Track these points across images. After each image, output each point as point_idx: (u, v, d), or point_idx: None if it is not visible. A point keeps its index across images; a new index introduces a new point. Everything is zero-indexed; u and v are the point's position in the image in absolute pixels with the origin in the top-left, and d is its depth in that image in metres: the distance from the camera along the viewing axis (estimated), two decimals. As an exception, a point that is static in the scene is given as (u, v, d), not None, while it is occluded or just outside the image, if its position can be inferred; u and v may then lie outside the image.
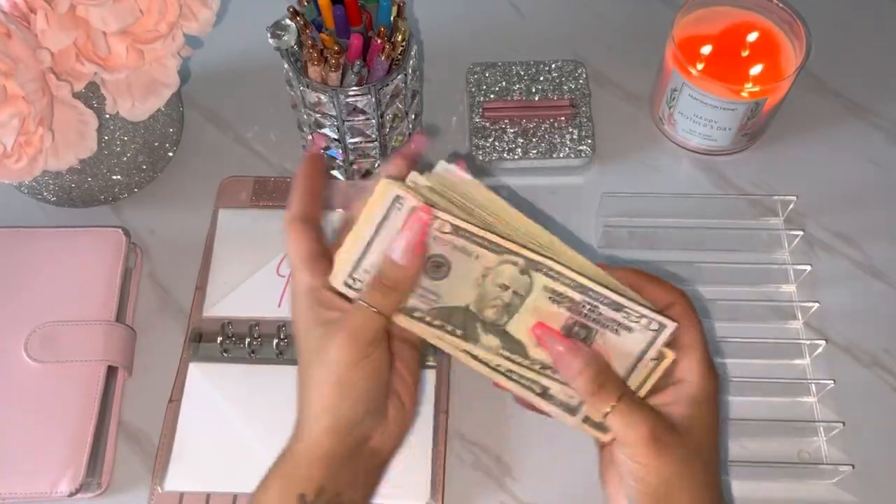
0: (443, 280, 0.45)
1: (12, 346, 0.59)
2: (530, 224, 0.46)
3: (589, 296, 0.45)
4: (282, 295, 0.63)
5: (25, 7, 0.53)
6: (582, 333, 0.45)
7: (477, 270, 0.45)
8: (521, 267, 0.45)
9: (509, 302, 0.45)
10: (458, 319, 0.46)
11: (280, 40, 0.59)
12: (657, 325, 0.45)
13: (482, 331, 0.46)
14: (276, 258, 0.64)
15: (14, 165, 0.55)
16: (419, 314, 0.46)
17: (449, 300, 0.46)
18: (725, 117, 0.66)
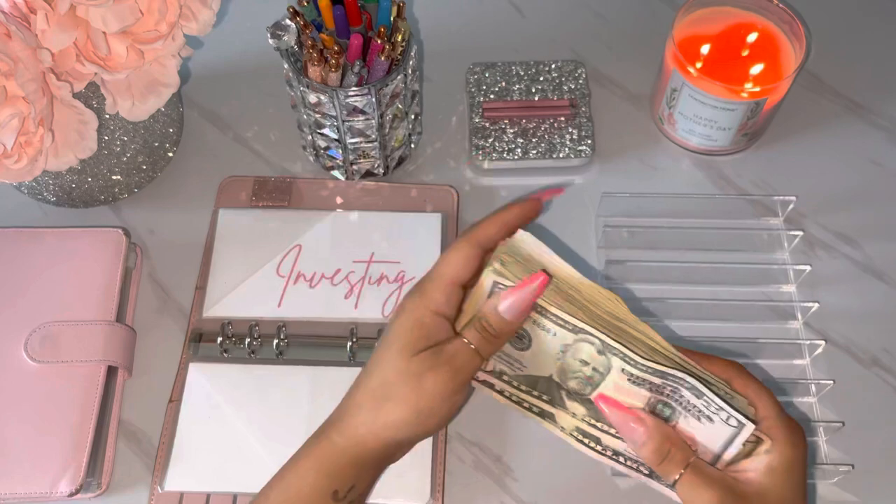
0: (525, 351, 0.48)
1: (12, 346, 0.59)
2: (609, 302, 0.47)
3: (668, 380, 0.45)
4: (282, 295, 0.63)
5: (26, 7, 0.53)
6: (666, 412, 0.46)
7: (555, 346, 0.47)
8: (597, 347, 0.46)
9: (591, 375, 0.47)
10: (543, 387, 0.49)
11: (280, 40, 0.59)
12: (736, 423, 0.44)
13: (567, 398, 0.48)
14: (277, 258, 0.64)
15: (14, 165, 0.55)
16: (507, 377, 0.49)
17: (533, 370, 0.49)
18: (725, 117, 0.66)
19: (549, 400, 0.49)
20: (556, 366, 0.48)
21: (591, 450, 0.48)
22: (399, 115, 0.65)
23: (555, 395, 0.48)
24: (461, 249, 0.48)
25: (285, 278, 0.64)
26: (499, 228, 0.49)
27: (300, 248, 0.65)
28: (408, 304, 0.48)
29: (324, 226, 0.66)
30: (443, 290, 0.47)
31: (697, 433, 0.46)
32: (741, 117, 0.66)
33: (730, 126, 0.67)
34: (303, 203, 0.68)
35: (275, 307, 0.63)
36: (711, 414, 0.45)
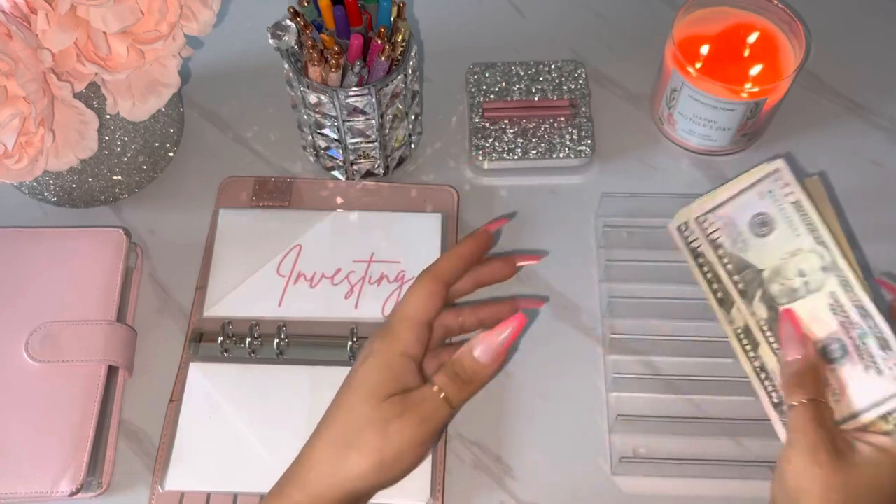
0: (761, 238, 0.50)
1: (13, 345, 0.59)
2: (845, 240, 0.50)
3: (866, 321, 0.47)
4: (282, 295, 0.63)
5: (26, 7, 0.53)
6: (838, 353, 0.48)
7: (791, 245, 0.49)
8: (825, 263, 0.48)
9: (797, 288, 0.49)
10: (748, 276, 0.50)
11: (280, 41, 0.59)
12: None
13: (759, 298, 0.49)
14: (277, 258, 0.64)
15: (15, 165, 0.55)
16: (721, 251, 0.50)
17: (752, 256, 0.50)
18: (725, 117, 0.66)
19: (742, 290, 0.50)
20: (775, 264, 0.49)
21: (743, 352, 0.50)
22: (399, 116, 0.65)
23: (750, 289, 0.49)
24: (425, 286, 0.49)
25: (285, 278, 0.64)
26: (458, 262, 0.51)
27: (300, 247, 0.65)
28: (375, 346, 0.47)
29: (324, 226, 0.66)
30: (411, 329, 0.47)
31: (854, 384, 0.47)
32: (741, 117, 0.66)
33: (729, 126, 0.67)
34: (303, 203, 0.68)
35: (275, 307, 0.63)
36: (885, 368, 0.46)
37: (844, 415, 0.47)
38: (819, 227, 0.49)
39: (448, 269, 0.50)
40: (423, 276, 0.50)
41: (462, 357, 0.47)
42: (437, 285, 0.49)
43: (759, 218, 0.50)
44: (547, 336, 0.63)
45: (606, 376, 0.61)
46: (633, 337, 0.61)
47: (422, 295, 0.49)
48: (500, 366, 0.48)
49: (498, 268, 0.54)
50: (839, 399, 0.47)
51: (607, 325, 0.63)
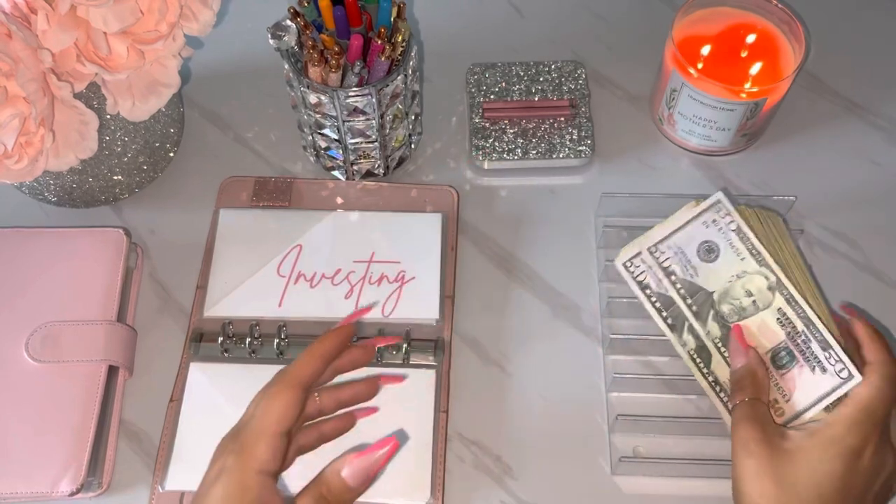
0: (708, 264, 0.55)
1: (13, 346, 0.59)
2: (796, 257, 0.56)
3: (809, 329, 0.53)
4: (282, 295, 0.63)
5: (26, 7, 0.53)
6: (786, 359, 0.53)
7: (737, 269, 0.54)
8: (770, 283, 0.53)
9: (746, 307, 0.54)
10: (700, 298, 0.55)
11: (280, 41, 0.59)
12: (847, 374, 0.51)
13: (712, 318, 0.54)
14: (277, 258, 0.64)
15: (15, 166, 0.55)
16: (674, 278, 0.55)
17: (702, 281, 0.55)
18: (725, 118, 0.66)
19: (696, 312, 0.54)
20: (724, 287, 0.54)
21: (698, 370, 0.54)
22: (399, 116, 0.65)
23: (703, 310, 0.54)
24: (282, 395, 0.46)
25: (286, 278, 0.64)
26: (316, 364, 0.48)
27: (300, 248, 0.65)
28: (228, 462, 0.44)
29: (324, 226, 0.66)
30: (268, 444, 0.44)
31: (802, 384, 0.52)
32: (741, 118, 0.66)
33: (729, 126, 0.67)
34: (303, 203, 0.68)
35: (275, 307, 0.63)
36: (828, 365, 0.51)
37: (796, 411, 0.51)
38: (761, 251, 0.54)
39: (307, 374, 0.47)
40: (281, 383, 0.46)
41: (330, 477, 0.45)
42: (296, 392, 0.46)
43: (705, 245, 0.55)
44: (547, 336, 0.63)
45: (606, 376, 0.61)
46: (633, 337, 0.61)
47: (279, 405, 0.45)
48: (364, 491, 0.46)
49: (357, 355, 0.52)
50: (790, 399, 0.52)
51: (607, 325, 0.63)
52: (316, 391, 0.51)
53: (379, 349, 0.60)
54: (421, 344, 0.61)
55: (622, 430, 0.59)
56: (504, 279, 0.66)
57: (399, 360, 0.61)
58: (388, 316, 0.62)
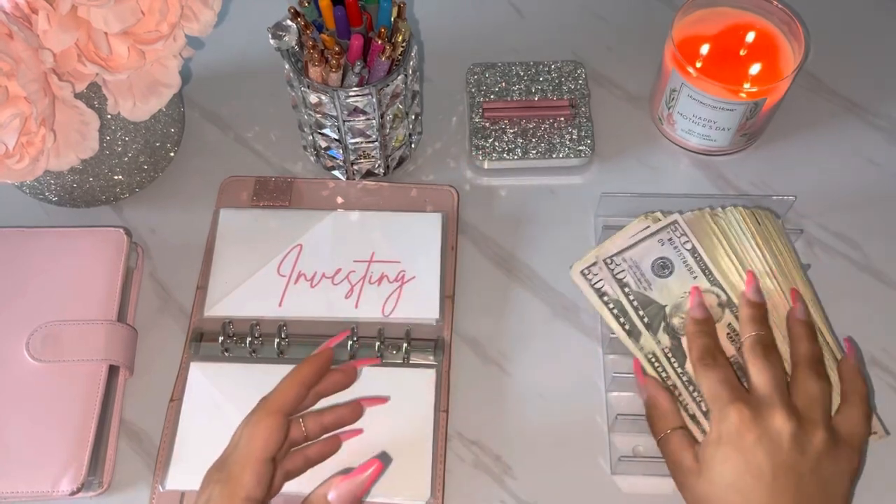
0: (662, 279, 0.57)
1: (14, 345, 0.59)
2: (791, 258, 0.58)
3: None
4: (282, 294, 0.63)
5: (27, 8, 0.53)
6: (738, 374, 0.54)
7: (689, 285, 0.56)
8: (721, 301, 0.56)
9: None
10: (651, 311, 0.56)
11: (281, 41, 0.59)
12: None
13: (662, 330, 0.56)
14: (277, 258, 0.64)
15: (16, 166, 0.55)
16: (627, 290, 0.56)
17: (656, 295, 0.56)
18: (724, 117, 0.67)
19: (647, 323, 0.56)
20: (676, 301, 0.56)
21: (655, 373, 0.55)
22: (399, 116, 0.65)
23: (654, 322, 0.56)
24: (264, 423, 0.46)
25: (286, 278, 0.64)
26: (297, 390, 0.49)
27: (301, 247, 0.65)
28: (215, 493, 0.45)
29: (324, 225, 0.66)
30: (252, 472, 0.45)
31: None
32: (740, 117, 0.67)
33: (729, 126, 0.68)
34: (303, 203, 0.68)
35: (275, 306, 0.63)
36: None
37: None
38: (713, 271, 0.56)
39: (289, 400, 0.48)
40: (262, 411, 0.47)
41: (316, 501, 0.46)
42: (278, 419, 0.47)
43: (659, 261, 0.57)
44: (547, 336, 0.63)
45: (606, 376, 0.61)
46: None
47: (262, 432, 0.46)
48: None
49: (338, 378, 0.52)
50: None
51: (607, 326, 0.63)
52: (300, 417, 0.52)
53: (379, 349, 0.60)
54: (421, 344, 0.61)
55: (622, 430, 0.59)
56: (504, 279, 0.66)
57: (399, 360, 0.61)
58: (388, 316, 0.62)
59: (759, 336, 0.53)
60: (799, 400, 0.51)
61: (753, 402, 0.50)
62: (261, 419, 0.47)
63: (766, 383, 0.51)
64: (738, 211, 0.58)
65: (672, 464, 0.52)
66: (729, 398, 0.50)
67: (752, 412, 0.49)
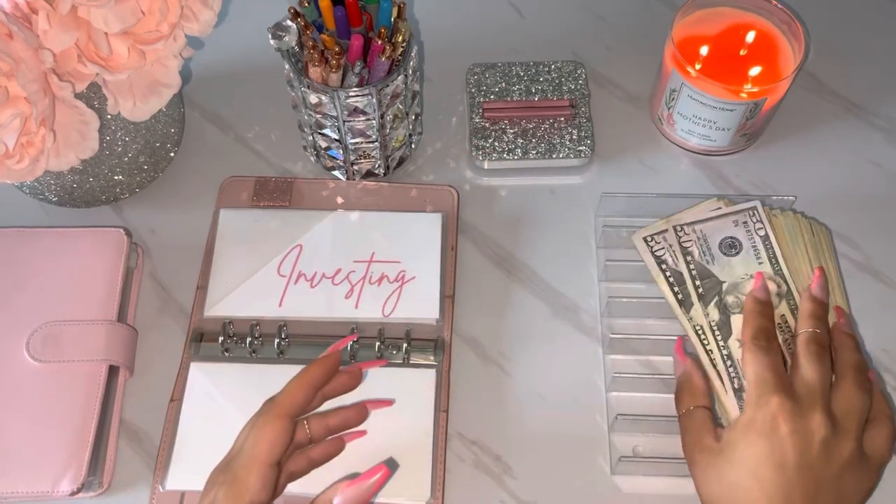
0: (727, 257, 0.58)
1: (14, 345, 0.59)
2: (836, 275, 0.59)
3: None
4: (283, 295, 0.63)
5: (27, 8, 0.53)
6: None
7: (752, 269, 0.57)
8: (780, 291, 0.56)
9: None
10: (708, 284, 0.57)
11: (281, 41, 0.59)
12: None
13: (714, 305, 0.56)
14: (277, 258, 0.64)
15: (16, 166, 0.55)
16: (689, 258, 0.58)
17: (717, 270, 0.57)
18: (724, 118, 0.67)
19: (701, 294, 0.57)
20: (735, 280, 0.57)
21: (700, 343, 0.56)
22: (399, 116, 0.65)
23: (709, 295, 0.57)
24: (271, 426, 0.46)
25: (286, 278, 0.64)
26: (305, 393, 0.49)
27: (301, 247, 0.65)
28: (220, 495, 0.44)
29: (324, 226, 0.66)
30: (258, 475, 0.45)
31: None
32: (740, 118, 0.67)
33: (729, 126, 0.68)
34: (303, 203, 0.68)
35: (276, 307, 0.63)
36: None
37: None
38: (780, 262, 0.57)
39: (296, 403, 0.48)
40: (269, 413, 0.47)
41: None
42: (285, 422, 0.47)
43: (728, 240, 0.58)
44: (547, 336, 0.63)
45: (606, 376, 0.61)
46: (633, 337, 0.61)
47: (268, 435, 0.46)
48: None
49: (344, 380, 0.53)
50: None
51: (607, 325, 0.63)
52: (305, 419, 0.52)
53: (379, 349, 0.60)
54: (421, 344, 0.61)
55: (622, 430, 0.59)
56: (504, 279, 0.66)
57: (399, 360, 0.61)
58: (389, 316, 0.62)
59: (816, 334, 0.53)
60: (839, 407, 0.50)
61: (796, 396, 0.50)
62: (267, 422, 0.47)
63: (813, 382, 0.50)
64: (796, 217, 0.59)
65: (691, 440, 0.52)
66: (774, 385, 0.50)
67: (793, 405, 0.49)
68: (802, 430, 0.49)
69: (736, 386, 0.54)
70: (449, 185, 0.69)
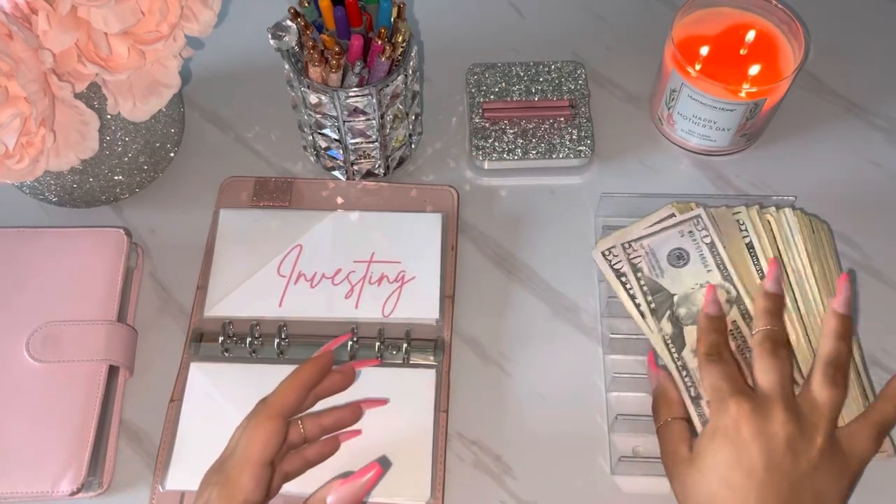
0: (675, 268, 0.57)
1: (14, 345, 0.59)
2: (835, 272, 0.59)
3: None
4: (282, 295, 0.63)
5: (27, 8, 0.53)
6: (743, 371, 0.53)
7: (701, 278, 0.57)
8: (730, 297, 0.56)
9: None
10: (660, 298, 0.57)
11: (281, 41, 0.59)
12: None
13: (667, 318, 0.56)
14: (277, 258, 0.64)
15: (16, 166, 0.55)
16: (640, 275, 0.57)
17: (667, 283, 0.57)
18: (724, 118, 0.67)
19: (653, 309, 0.56)
20: (685, 292, 0.57)
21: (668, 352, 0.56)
22: (399, 116, 0.65)
23: (661, 309, 0.56)
24: (264, 426, 0.46)
25: (286, 278, 0.64)
26: (297, 393, 0.49)
27: (301, 247, 0.65)
28: (213, 496, 0.45)
29: (324, 226, 0.66)
30: (251, 476, 0.45)
31: None
32: (740, 118, 0.67)
33: (729, 126, 0.68)
34: (303, 203, 0.68)
35: (276, 307, 0.63)
36: None
37: None
38: (728, 268, 0.57)
39: (288, 403, 0.48)
40: (262, 414, 0.47)
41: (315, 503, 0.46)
42: (277, 423, 0.47)
43: (676, 252, 0.58)
44: (547, 336, 0.63)
45: (606, 376, 0.61)
46: (633, 337, 0.61)
47: (261, 436, 0.46)
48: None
49: (337, 380, 0.53)
50: None
51: (607, 325, 0.63)
52: (298, 419, 0.52)
53: (379, 349, 0.60)
54: (421, 344, 0.61)
55: (622, 430, 0.59)
56: (504, 279, 0.66)
57: (399, 360, 0.61)
58: (389, 316, 0.62)
59: (770, 331, 0.52)
60: (805, 403, 0.50)
61: (755, 397, 0.50)
62: (260, 422, 0.47)
63: (770, 381, 0.50)
64: (795, 214, 0.59)
65: (668, 452, 0.52)
66: (730, 391, 0.50)
67: (751, 405, 0.49)
68: (765, 430, 0.48)
69: (692, 394, 0.54)
70: (449, 185, 0.69)
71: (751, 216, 0.59)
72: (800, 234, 0.58)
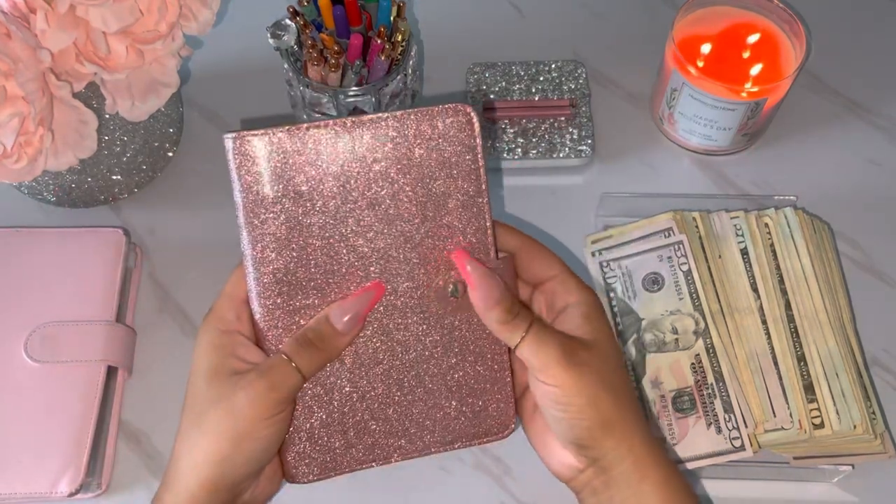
0: (649, 293, 0.57)
1: (12, 346, 0.59)
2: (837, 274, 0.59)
3: (718, 385, 0.55)
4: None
5: (25, 7, 0.53)
6: (686, 405, 0.55)
7: (672, 305, 0.56)
8: (697, 329, 0.56)
9: (667, 342, 0.56)
10: (628, 321, 0.57)
11: (280, 40, 0.59)
12: (739, 444, 0.54)
13: (632, 342, 0.56)
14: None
15: (14, 165, 0.55)
16: (612, 295, 0.57)
17: (638, 306, 0.57)
18: (725, 117, 0.66)
19: (620, 331, 0.57)
20: (654, 318, 0.56)
21: None
22: (399, 115, 0.65)
23: (628, 332, 0.56)
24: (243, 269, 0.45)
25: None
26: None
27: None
28: (200, 330, 0.44)
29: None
30: (230, 307, 0.44)
31: (693, 435, 0.55)
32: (741, 117, 0.66)
33: (730, 126, 0.67)
34: (303, 203, 0.68)
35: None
36: (722, 426, 0.54)
37: (679, 457, 0.54)
38: (701, 299, 0.56)
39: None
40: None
41: (318, 325, 0.43)
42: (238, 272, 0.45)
43: (651, 276, 0.58)
44: (547, 336, 0.63)
45: (606, 376, 0.61)
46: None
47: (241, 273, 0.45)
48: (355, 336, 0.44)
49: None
50: (677, 443, 0.55)
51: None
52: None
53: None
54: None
55: (622, 431, 0.59)
56: (504, 279, 0.66)
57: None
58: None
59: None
60: None
61: None
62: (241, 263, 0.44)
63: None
64: (796, 214, 0.59)
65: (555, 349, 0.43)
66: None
67: None
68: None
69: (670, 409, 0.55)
70: (449, 184, 0.69)
71: (748, 221, 0.59)
72: (801, 235, 0.58)
